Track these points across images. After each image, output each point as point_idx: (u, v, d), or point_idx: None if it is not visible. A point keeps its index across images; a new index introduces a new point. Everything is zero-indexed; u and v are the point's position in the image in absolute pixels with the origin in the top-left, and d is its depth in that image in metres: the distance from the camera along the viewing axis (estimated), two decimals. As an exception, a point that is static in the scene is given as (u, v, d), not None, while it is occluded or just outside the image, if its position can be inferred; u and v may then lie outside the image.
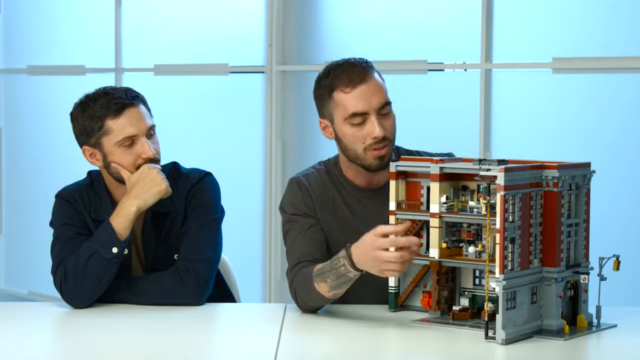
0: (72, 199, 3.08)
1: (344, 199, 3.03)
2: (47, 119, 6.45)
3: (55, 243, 3.06)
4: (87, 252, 2.93)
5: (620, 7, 4.43)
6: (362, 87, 2.92)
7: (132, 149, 2.99)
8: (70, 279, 2.93)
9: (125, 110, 2.99)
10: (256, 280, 5.49)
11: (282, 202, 3.04)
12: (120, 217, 2.93)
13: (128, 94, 3.02)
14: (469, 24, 4.76)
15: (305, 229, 2.96)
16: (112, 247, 2.91)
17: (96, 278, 2.91)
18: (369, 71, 2.95)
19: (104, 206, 3.06)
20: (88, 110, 3.01)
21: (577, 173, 2.68)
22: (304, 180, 3.04)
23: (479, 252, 2.71)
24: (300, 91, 5.38)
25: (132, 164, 2.99)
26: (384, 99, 2.94)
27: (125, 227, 2.93)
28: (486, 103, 4.71)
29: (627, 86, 4.42)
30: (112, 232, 2.92)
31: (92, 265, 2.91)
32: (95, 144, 3.02)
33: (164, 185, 2.95)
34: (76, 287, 2.92)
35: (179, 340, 2.64)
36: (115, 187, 3.07)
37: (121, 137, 2.98)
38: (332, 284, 2.75)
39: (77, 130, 3.06)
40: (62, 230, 3.06)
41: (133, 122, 2.99)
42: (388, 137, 2.93)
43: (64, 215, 3.07)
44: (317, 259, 2.89)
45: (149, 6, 6.00)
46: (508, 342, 2.52)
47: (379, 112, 2.92)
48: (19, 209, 6.59)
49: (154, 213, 3.05)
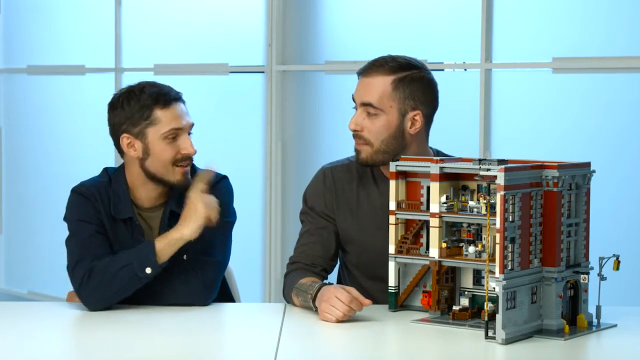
0: (90, 195, 3.04)
1: (369, 193, 3.06)
2: (47, 119, 6.46)
3: (70, 239, 3.02)
4: (121, 261, 2.90)
5: (620, 7, 4.43)
6: (362, 78, 2.98)
7: (174, 142, 3.00)
8: (94, 281, 2.90)
9: (172, 103, 3.01)
10: (256, 280, 5.49)
11: (306, 189, 3.16)
12: (164, 238, 2.92)
13: (173, 89, 3.05)
14: (469, 24, 4.76)
15: (314, 228, 3.08)
16: (147, 266, 2.89)
17: (120, 289, 2.89)
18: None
19: (123, 204, 3.04)
20: (135, 99, 3.00)
21: (577, 173, 2.68)
22: (329, 173, 3.12)
23: (479, 252, 2.71)
24: (300, 91, 5.38)
25: (171, 158, 2.99)
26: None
27: (165, 253, 2.91)
28: (486, 103, 4.71)
29: (627, 86, 4.42)
30: (152, 252, 2.89)
31: (122, 276, 2.89)
32: (139, 134, 3.00)
33: (200, 222, 2.92)
34: (98, 290, 2.90)
35: (179, 340, 2.64)
36: (141, 183, 3.05)
37: (168, 128, 2.98)
38: (302, 303, 2.92)
39: (119, 119, 3.02)
40: (78, 227, 3.02)
41: (180, 116, 3.01)
42: (363, 135, 2.97)
43: (81, 211, 3.03)
44: (315, 263, 3.04)
45: (149, 6, 6.00)
46: (508, 342, 2.52)
47: (364, 109, 2.97)
48: (19, 209, 6.59)
49: (172, 213, 3.05)
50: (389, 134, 2.96)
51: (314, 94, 5.39)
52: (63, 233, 3.05)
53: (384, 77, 2.96)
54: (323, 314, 2.77)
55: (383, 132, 2.96)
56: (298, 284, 2.94)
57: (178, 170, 3.01)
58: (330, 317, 2.75)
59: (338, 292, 2.75)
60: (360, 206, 3.06)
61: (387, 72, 2.96)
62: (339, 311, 2.73)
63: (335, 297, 2.74)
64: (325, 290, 2.79)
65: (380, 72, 2.96)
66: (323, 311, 2.76)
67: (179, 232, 2.92)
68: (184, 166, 3.02)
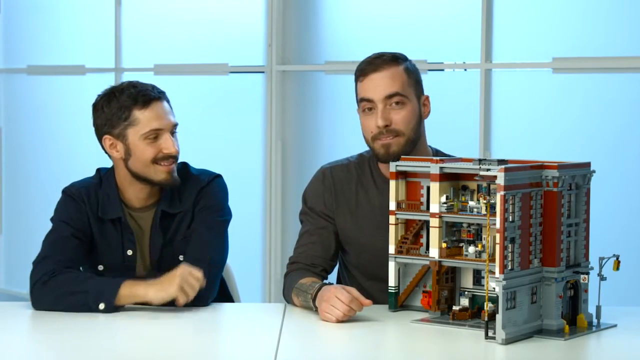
0: (78, 197, 3.06)
1: (368, 193, 3.06)
2: (47, 119, 6.45)
3: (47, 237, 3.05)
4: (80, 285, 2.88)
5: (620, 7, 4.43)
6: (373, 75, 2.97)
7: (155, 142, 2.99)
8: (48, 288, 2.90)
9: (152, 103, 2.99)
10: (256, 280, 5.49)
11: (305, 189, 3.16)
12: (131, 286, 2.86)
13: (155, 89, 3.03)
14: (469, 24, 4.76)
15: (314, 228, 3.09)
16: (101, 302, 2.85)
17: (66, 307, 2.88)
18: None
19: (112, 205, 3.04)
20: (115, 100, 3.00)
21: (577, 173, 2.68)
22: (329, 173, 3.12)
23: (479, 252, 2.71)
24: (300, 91, 5.38)
25: (152, 158, 2.98)
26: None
27: (126, 301, 2.86)
28: (486, 103, 4.71)
29: (627, 86, 4.42)
30: (114, 291, 2.85)
31: (74, 299, 2.87)
32: (119, 135, 3.00)
33: (172, 290, 2.83)
34: (47, 298, 2.90)
35: (178, 340, 2.64)
36: (129, 184, 3.05)
37: (147, 129, 2.97)
38: (302, 303, 2.92)
39: (100, 121, 3.03)
40: (58, 226, 3.05)
41: (160, 116, 2.99)
42: (394, 128, 2.95)
43: (64, 212, 3.06)
44: (315, 263, 3.05)
45: (149, 6, 5.99)
46: (508, 342, 2.52)
47: (387, 103, 2.96)
48: (19, 209, 6.59)
49: (163, 213, 3.04)
50: (416, 121, 2.99)
51: (314, 94, 5.39)
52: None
53: (395, 67, 2.98)
54: (323, 314, 2.77)
55: (411, 119, 2.98)
56: (298, 284, 2.94)
57: (160, 168, 3.00)
58: (330, 317, 2.75)
59: (338, 292, 2.75)
60: (359, 206, 3.06)
61: (394, 63, 2.99)
62: (339, 311, 2.73)
63: (336, 297, 2.74)
64: (325, 290, 2.79)
65: (389, 64, 2.99)
66: (323, 311, 2.77)
67: (146, 291, 2.85)
68: (166, 165, 3.00)
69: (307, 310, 2.89)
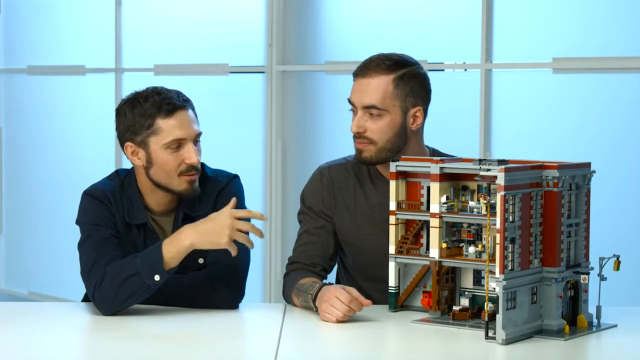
0: (104, 198, 2.98)
1: (366, 192, 3.06)
2: (47, 119, 6.46)
3: (84, 242, 2.96)
4: (129, 269, 2.83)
5: (620, 7, 4.43)
6: (360, 80, 2.96)
7: (178, 152, 2.92)
8: (104, 288, 2.84)
9: (176, 111, 2.93)
10: (256, 280, 5.49)
11: (303, 190, 3.15)
12: (173, 246, 2.83)
13: (180, 96, 2.97)
14: (469, 24, 4.76)
15: (313, 228, 3.08)
16: (155, 274, 2.81)
17: (129, 296, 2.84)
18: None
19: (137, 210, 2.99)
20: (138, 107, 2.93)
21: (577, 173, 2.68)
22: (327, 173, 3.11)
23: (479, 252, 2.71)
24: (301, 91, 5.38)
25: (175, 168, 2.93)
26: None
27: (173, 258, 2.82)
28: (486, 103, 4.71)
29: (627, 86, 4.42)
30: (160, 259, 2.81)
31: (130, 284, 2.82)
32: (141, 143, 2.94)
33: (223, 241, 2.82)
34: (108, 297, 2.84)
35: (178, 340, 2.64)
36: (151, 191, 3.00)
37: (170, 138, 2.91)
38: (302, 304, 2.93)
39: (123, 127, 2.97)
40: (93, 230, 2.95)
41: (183, 125, 2.93)
42: (368, 136, 2.96)
43: (96, 215, 2.97)
44: (315, 263, 3.05)
45: (149, 6, 6.00)
46: (508, 342, 2.52)
47: (365, 111, 2.96)
48: (19, 209, 6.59)
49: (184, 216, 3.01)
50: (394, 133, 2.95)
51: (314, 94, 5.39)
52: (63, 233, 3.05)
53: (383, 77, 2.94)
54: (323, 314, 2.77)
55: (387, 131, 2.95)
56: (298, 284, 2.95)
57: (184, 179, 2.95)
58: (330, 317, 2.75)
59: (338, 292, 2.75)
60: (357, 205, 3.06)
61: (385, 71, 2.95)
62: (339, 311, 2.73)
63: (336, 297, 2.74)
64: (325, 291, 2.79)
65: (379, 71, 2.95)
66: (323, 311, 2.77)
67: (190, 237, 2.82)
68: (189, 176, 2.95)
69: (307, 311, 2.89)
